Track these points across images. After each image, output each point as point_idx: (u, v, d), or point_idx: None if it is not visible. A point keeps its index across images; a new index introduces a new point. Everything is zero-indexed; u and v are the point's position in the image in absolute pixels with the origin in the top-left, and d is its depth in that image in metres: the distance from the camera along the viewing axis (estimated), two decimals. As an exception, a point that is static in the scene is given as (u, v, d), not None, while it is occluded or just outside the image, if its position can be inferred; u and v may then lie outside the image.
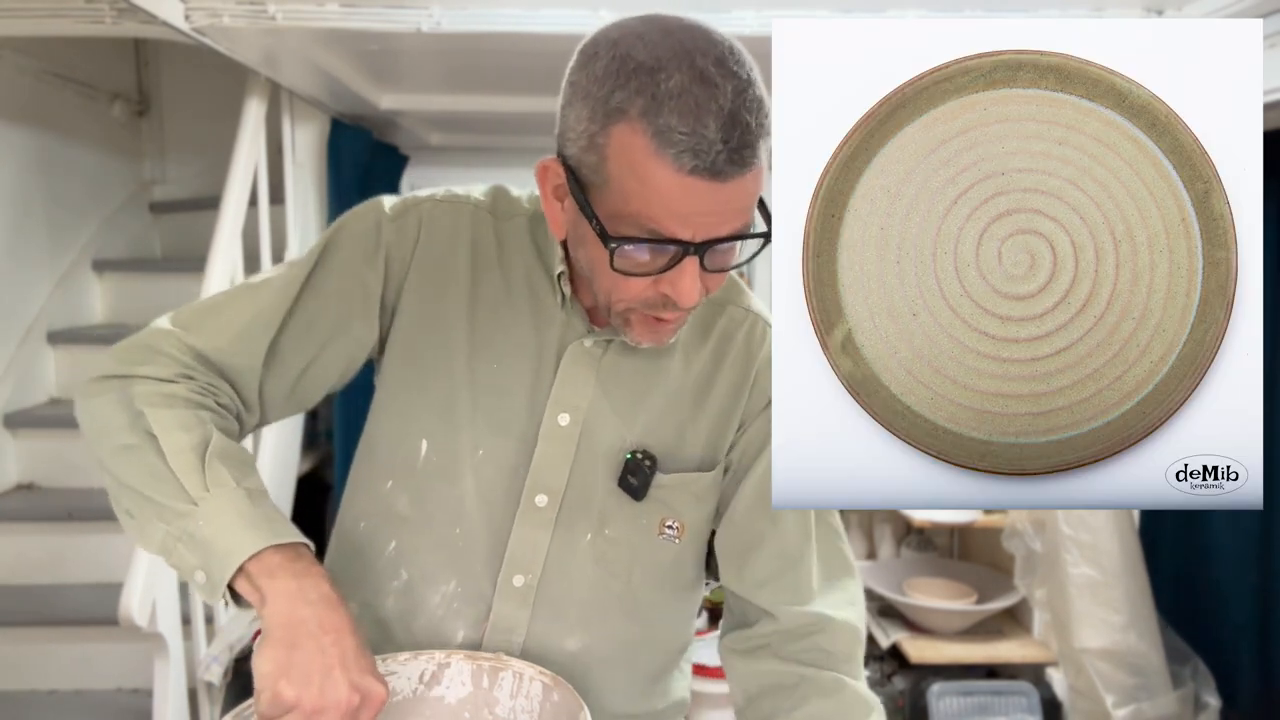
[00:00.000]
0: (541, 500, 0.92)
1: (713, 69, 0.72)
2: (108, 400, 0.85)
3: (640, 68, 0.71)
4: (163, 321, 0.90)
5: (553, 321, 0.92)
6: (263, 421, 0.94)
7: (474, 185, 0.97)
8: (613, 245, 0.75)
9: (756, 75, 0.75)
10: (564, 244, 0.88)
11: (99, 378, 0.87)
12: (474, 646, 0.95)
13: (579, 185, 0.77)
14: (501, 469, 0.92)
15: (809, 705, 0.92)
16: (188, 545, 0.77)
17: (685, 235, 0.74)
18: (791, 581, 0.95)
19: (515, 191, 0.97)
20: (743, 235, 0.78)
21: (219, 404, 0.87)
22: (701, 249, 0.75)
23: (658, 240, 0.75)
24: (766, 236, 0.78)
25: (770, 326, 0.95)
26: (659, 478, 0.93)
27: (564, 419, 0.92)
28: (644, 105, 0.71)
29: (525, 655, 0.94)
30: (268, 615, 0.74)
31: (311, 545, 0.81)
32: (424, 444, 0.93)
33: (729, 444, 0.96)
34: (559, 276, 0.90)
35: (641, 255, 0.77)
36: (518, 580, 0.93)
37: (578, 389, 0.92)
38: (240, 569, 0.75)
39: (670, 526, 0.95)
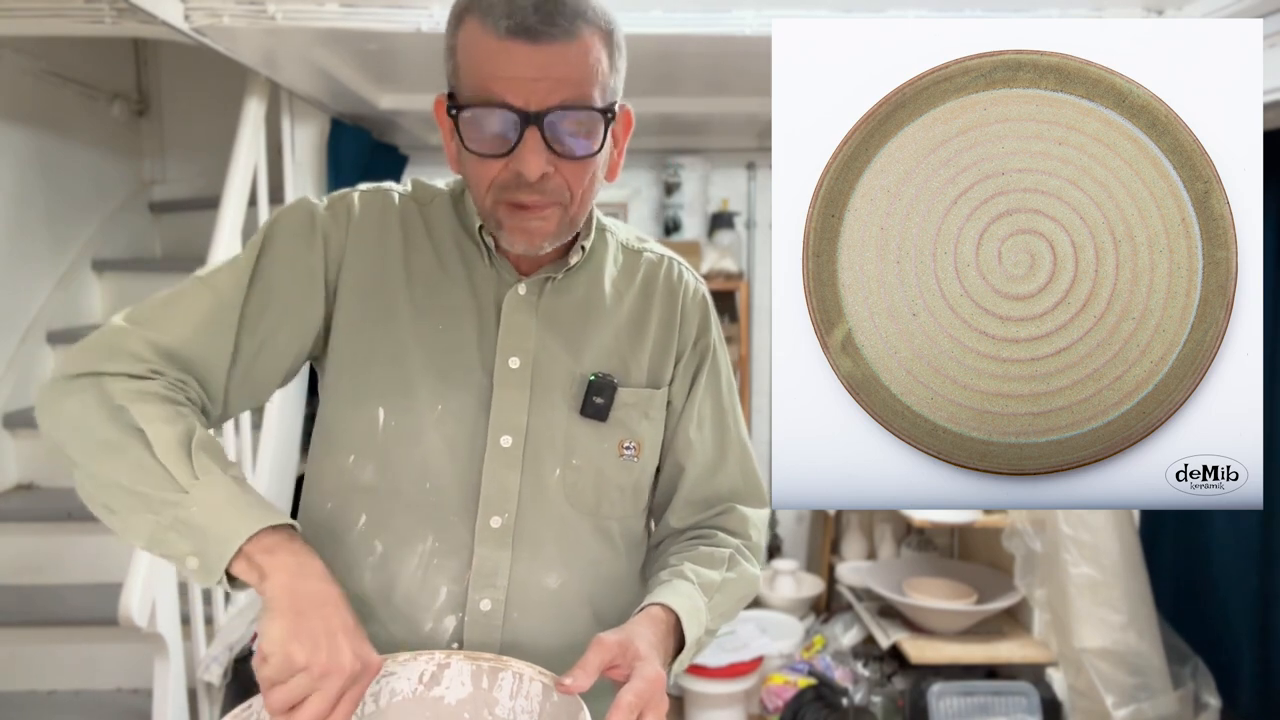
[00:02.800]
0: (506, 441, 0.96)
1: None
2: (84, 399, 0.85)
3: None
4: (118, 320, 0.91)
5: (486, 279, 0.99)
6: (224, 415, 0.96)
7: (393, 182, 1.06)
8: (454, 112, 0.87)
9: None
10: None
11: (67, 377, 0.87)
12: (458, 600, 0.96)
13: (451, 101, 0.89)
14: (463, 420, 0.96)
15: (697, 550, 1.03)
16: (180, 532, 0.79)
17: (518, 102, 0.84)
18: (705, 499, 1.08)
19: (430, 181, 1.05)
20: (574, 105, 0.85)
21: (188, 398, 0.89)
22: (538, 119, 0.84)
23: (493, 104, 0.84)
24: (603, 111, 0.87)
25: (683, 263, 1.09)
26: (620, 393, 0.99)
27: (514, 362, 0.97)
28: (474, 3, 0.85)
29: (509, 597, 0.97)
30: (271, 588, 0.77)
31: (299, 527, 0.83)
32: (381, 412, 0.96)
33: (670, 374, 1.05)
34: (479, 229, 0.96)
35: (487, 129, 0.86)
36: (495, 521, 0.96)
37: (522, 333, 0.97)
38: (239, 550, 0.78)
39: (628, 447, 1.01)
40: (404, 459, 0.96)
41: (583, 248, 0.99)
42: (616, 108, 0.90)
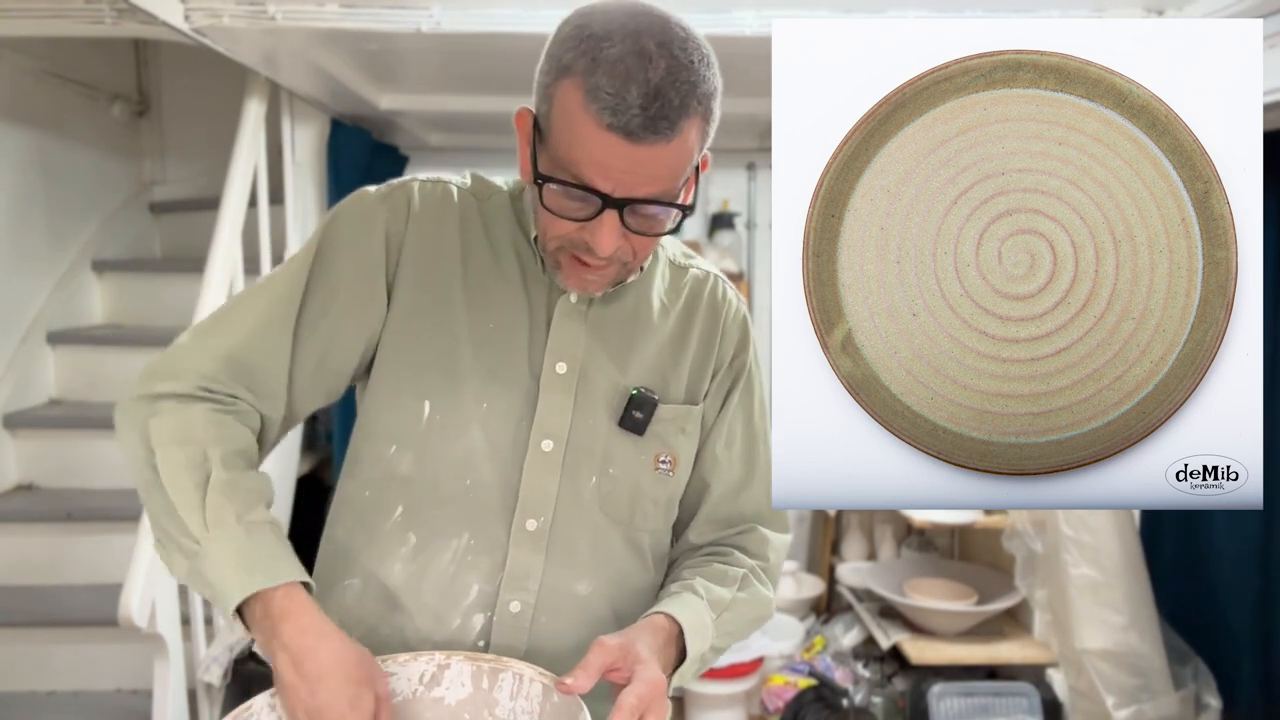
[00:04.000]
0: (548, 445, 0.97)
1: (653, 47, 0.80)
2: (132, 436, 0.89)
3: (592, 35, 0.81)
4: (183, 337, 0.94)
5: (539, 283, 0.99)
6: (292, 414, 0.97)
7: (452, 174, 1.05)
8: (539, 181, 0.85)
9: (704, 67, 0.84)
10: None
11: (129, 401, 0.91)
12: (489, 599, 0.97)
13: (536, 131, 0.87)
14: (507, 420, 0.96)
15: (710, 566, 1.03)
16: (198, 583, 0.84)
17: (605, 188, 0.82)
18: (727, 518, 1.08)
19: (490, 178, 1.05)
20: (659, 201, 0.85)
21: (238, 416, 0.91)
22: (620, 205, 0.83)
23: (579, 186, 0.83)
24: (684, 209, 0.87)
25: (726, 282, 1.09)
26: (660, 409, 1.00)
27: (561, 367, 0.97)
28: (585, 66, 0.80)
29: (539, 600, 0.97)
30: (276, 663, 0.81)
31: (308, 580, 0.85)
32: (426, 404, 0.96)
33: (705, 389, 1.05)
34: (535, 239, 0.95)
35: (568, 199, 0.85)
36: (531, 525, 0.96)
37: (571, 340, 0.98)
38: (239, 611, 0.82)
39: (664, 461, 1.01)
40: (445, 453, 0.96)
41: (641, 267, 0.99)
42: (700, 159, 0.89)
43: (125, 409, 0.91)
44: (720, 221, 3.52)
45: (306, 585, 0.84)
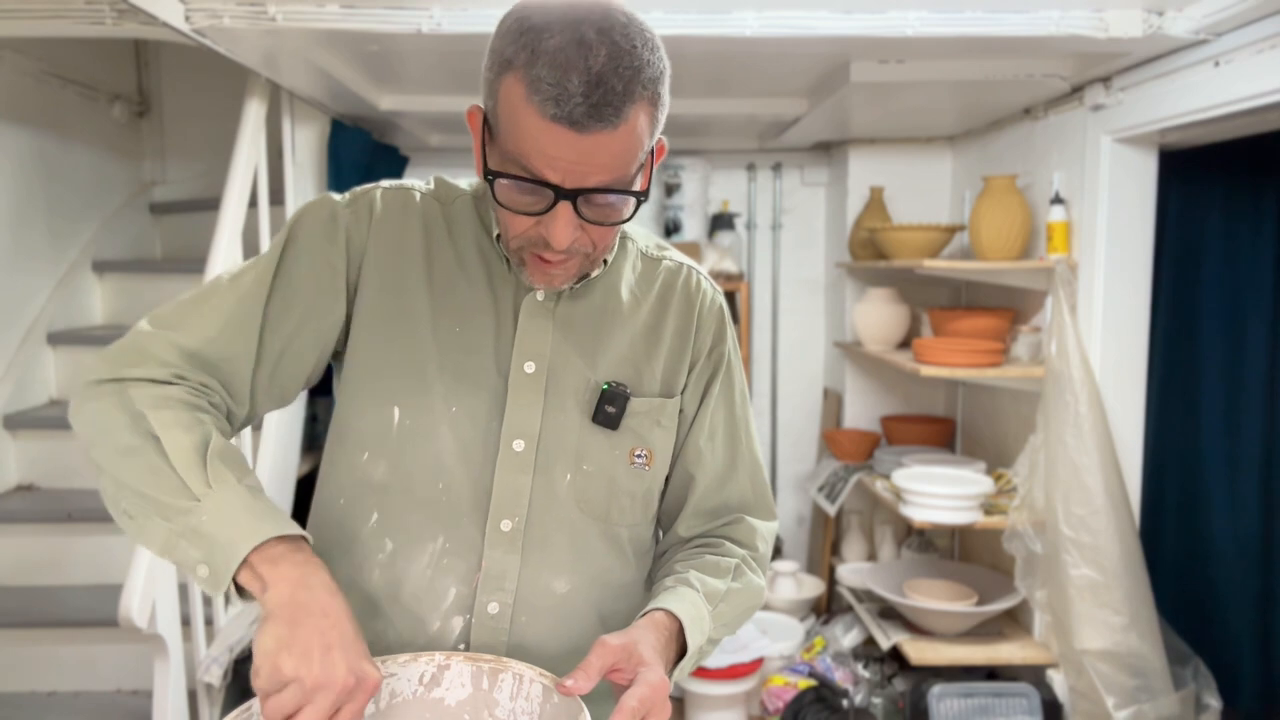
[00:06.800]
0: (519, 445, 0.96)
1: (593, 35, 0.79)
2: (106, 404, 0.87)
3: (532, 28, 0.80)
4: (144, 324, 0.93)
5: (505, 283, 0.99)
6: (251, 414, 0.96)
7: (417, 180, 1.05)
8: (490, 177, 0.85)
9: (648, 51, 0.82)
10: None
11: (93, 382, 0.89)
12: (467, 601, 0.96)
13: (486, 128, 0.87)
14: (477, 422, 0.96)
15: (703, 558, 1.02)
16: (191, 540, 0.80)
17: (555, 179, 0.82)
18: (714, 509, 1.07)
19: (453, 180, 1.05)
20: (611, 189, 0.83)
21: (211, 404, 0.90)
22: (572, 195, 0.82)
23: (529, 179, 0.82)
24: (638, 194, 0.86)
25: (701, 272, 1.08)
26: (633, 403, 0.99)
27: (530, 366, 0.97)
28: (526, 59, 0.79)
29: (517, 600, 0.97)
30: (270, 598, 0.77)
31: (310, 538, 0.83)
32: (396, 410, 0.96)
33: (683, 382, 1.04)
34: (497, 238, 0.96)
35: (520, 193, 0.85)
36: (505, 525, 0.96)
37: (538, 338, 0.97)
38: (244, 559, 0.78)
39: (639, 455, 1.01)
40: (417, 458, 0.96)
41: (605, 261, 0.99)
42: (654, 145, 0.88)
43: (89, 389, 0.88)
44: (720, 222, 3.52)
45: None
